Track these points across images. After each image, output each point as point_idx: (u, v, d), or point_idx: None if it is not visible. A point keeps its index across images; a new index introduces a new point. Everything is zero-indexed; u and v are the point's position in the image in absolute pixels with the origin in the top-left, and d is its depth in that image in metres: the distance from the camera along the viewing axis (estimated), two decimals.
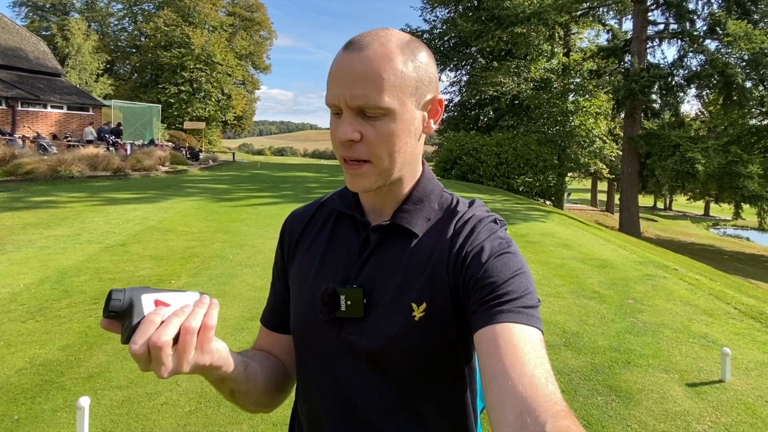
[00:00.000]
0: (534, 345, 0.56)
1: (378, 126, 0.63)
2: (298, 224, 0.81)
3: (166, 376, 0.54)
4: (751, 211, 15.90)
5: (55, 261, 5.17)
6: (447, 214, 0.72)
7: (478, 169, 18.47)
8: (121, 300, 0.53)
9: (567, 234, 8.38)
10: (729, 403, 2.80)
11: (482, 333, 0.59)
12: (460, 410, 0.72)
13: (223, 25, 38.27)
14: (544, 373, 0.53)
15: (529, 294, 0.62)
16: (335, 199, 0.79)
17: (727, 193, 15.68)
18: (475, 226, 0.69)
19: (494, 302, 0.60)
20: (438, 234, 0.70)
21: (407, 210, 0.72)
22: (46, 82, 19.90)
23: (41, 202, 8.83)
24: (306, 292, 0.73)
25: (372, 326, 0.68)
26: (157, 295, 0.56)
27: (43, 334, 3.42)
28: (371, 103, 0.62)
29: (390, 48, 0.63)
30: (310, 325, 0.72)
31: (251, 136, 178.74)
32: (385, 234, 0.72)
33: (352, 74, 0.62)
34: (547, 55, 22.46)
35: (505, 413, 0.50)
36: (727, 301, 4.86)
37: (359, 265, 0.71)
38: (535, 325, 0.59)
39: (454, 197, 0.76)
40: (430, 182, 0.75)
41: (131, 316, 0.53)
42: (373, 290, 0.69)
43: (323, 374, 0.72)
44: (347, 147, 0.65)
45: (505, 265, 0.64)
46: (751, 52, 14.48)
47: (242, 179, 15.55)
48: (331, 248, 0.75)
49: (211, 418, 2.50)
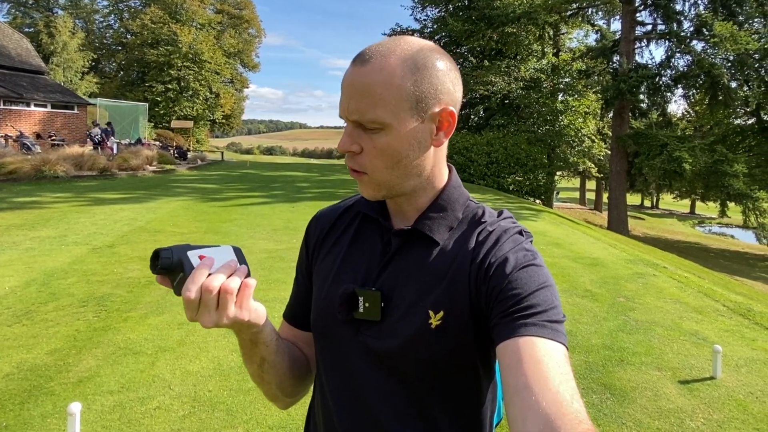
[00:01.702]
0: (559, 360, 0.55)
1: (375, 139, 0.65)
2: (324, 224, 0.82)
3: (210, 325, 0.59)
4: (736, 209, 16.20)
5: (41, 263, 5.06)
6: (471, 224, 0.72)
7: (468, 168, 18.55)
8: (171, 258, 0.59)
9: (558, 233, 8.45)
10: (721, 400, 2.84)
11: (505, 345, 0.57)
12: (475, 423, 0.70)
13: (211, 22, 37.84)
14: (569, 390, 0.51)
15: (555, 308, 0.61)
16: (362, 201, 0.79)
17: (713, 192, 15.96)
18: (500, 236, 0.68)
19: (518, 315, 0.59)
20: (460, 243, 0.70)
21: (430, 217, 0.71)
22: (30, 80, 19.47)
23: (25, 202, 8.64)
24: (326, 292, 0.74)
25: (388, 330, 0.67)
26: (199, 251, 0.62)
27: (30, 338, 3.34)
28: (365, 118, 0.63)
29: (389, 62, 0.63)
30: (329, 325, 0.73)
31: (240, 135, 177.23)
32: (406, 239, 0.71)
33: (351, 88, 0.64)
34: (537, 55, 22.61)
35: (528, 429, 0.49)
36: (715, 298, 4.94)
37: (379, 268, 0.71)
38: (560, 340, 0.58)
39: (480, 207, 0.75)
40: (456, 191, 0.74)
41: (183, 270, 0.59)
42: (392, 294, 0.69)
43: (339, 374, 0.72)
44: (349, 157, 0.68)
45: (530, 277, 0.63)
46: (736, 52, 14.73)
47: (231, 179, 15.41)
48: (353, 250, 0.75)
49: (205, 422, 2.46)
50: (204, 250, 0.62)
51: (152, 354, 3.17)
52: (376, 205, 0.76)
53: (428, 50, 0.66)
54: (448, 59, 0.68)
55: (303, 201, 10.70)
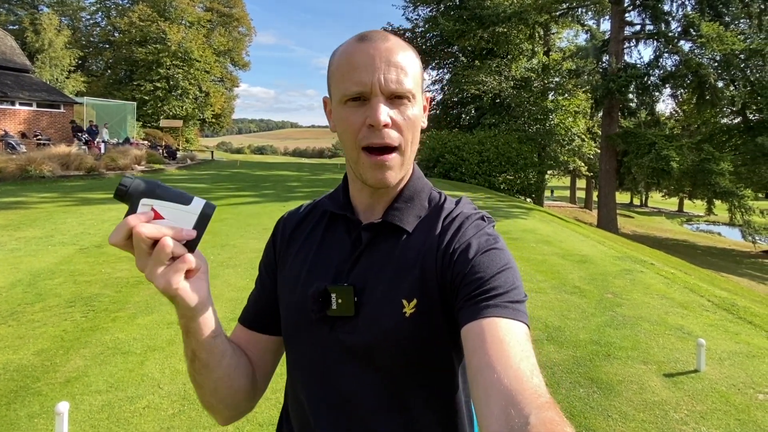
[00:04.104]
0: (520, 339, 0.56)
1: (404, 111, 0.67)
2: (290, 224, 0.82)
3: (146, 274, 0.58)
4: (723, 207, 16.46)
5: (27, 263, 4.99)
6: (435, 212, 0.73)
7: (460, 167, 18.61)
8: (126, 190, 0.58)
9: (548, 230, 8.52)
10: (704, 392, 2.89)
11: (469, 328, 0.59)
12: (451, 408, 0.71)
13: (200, 20, 37.49)
14: (530, 366, 0.53)
15: (516, 289, 0.62)
16: (325, 200, 0.80)
17: (700, 190, 16.17)
18: (463, 223, 0.70)
19: (481, 297, 0.60)
20: (427, 231, 0.71)
21: (398, 208, 0.72)
22: (14, 78, 19.13)
23: (10, 203, 8.51)
24: (298, 292, 0.73)
25: (363, 323, 0.68)
26: (159, 202, 0.59)
27: (16, 339, 3.30)
28: (404, 87, 0.66)
29: (403, 43, 0.69)
30: (302, 324, 0.72)
31: (230, 134, 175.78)
32: (376, 232, 0.72)
33: (383, 61, 0.65)
34: (528, 55, 22.75)
35: (490, 406, 0.50)
36: (701, 294, 5.02)
37: (351, 263, 0.71)
38: (521, 319, 0.59)
39: (442, 195, 0.77)
40: (420, 180, 0.76)
41: (129, 209, 0.58)
42: (365, 288, 0.69)
43: (314, 373, 0.71)
44: (377, 133, 0.65)
45: (491, 260, 0.64)
46: (722, 53, 14.95)
47: (222, 178, 15.31)
48: (323, 248, 0.75)
49: (195, 420, 2.45)
50: (163, 204, 0.59)
51: (141, 353, 3.15)
52: (341, 201, 0.76)
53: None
54: None
55: (294, 200, 10.67)
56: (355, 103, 0.66)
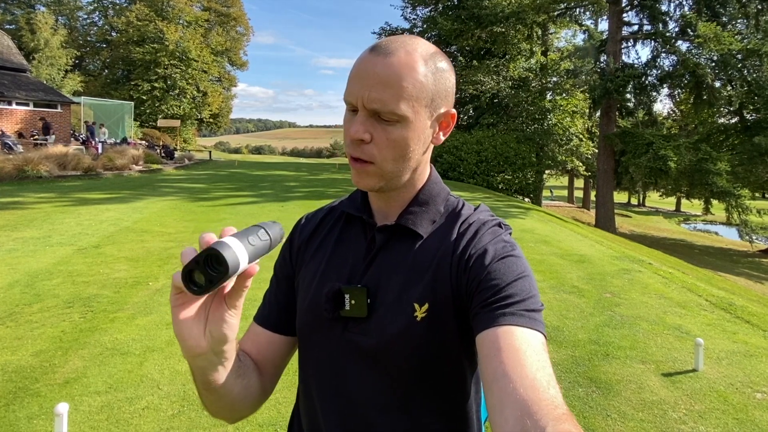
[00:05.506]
0: (536, 348, 0.56)
1: (389, 131, 0.65)
2: (308, 228, 0.82)
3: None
4: (720, 206, 16.49)
5: (25, 264, 4.97)
6: (452, 217, 0.73)
7: (458, 167, 18.64)
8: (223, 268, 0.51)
9: (546, 230, 8.54)
10: (702, 392, 2.91)
11: (484, 335, 0.58)
12: (460, 415, 0.71)
13: (198, 20, 37.40)
14: (546, 376, 0.52)
15: (533, 297, 0.62)
16: (344, 202, 0.80)
17: (698, 189, 16.21)
18: (479, 229, 0.70)
19: (497, 305, 0.60)
20: (442, 236, 0.71)
21: (413, 212, 0.73)
22: (11, 77, 19.07)
23: (7, 203, 8.48)
24: (312, 292, 0.74)
25: (375, 325, 0.68)
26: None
27: (14, 340, 3.29)
28: (387, 108, 0.63)
29: (415, 57, 0.65)
30: (315, 324, 0.73)
31: (228, 134, 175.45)
32: (390, 235, 0.72)
33: (373, 77, 0.63)
34: (526, 55, 22.76)
35: (505, 415, 0.50)
36: (699, 293, 5.04)
37: (365, 265, 0.71)
38: (537, 328, 0.59)
39: (459, 201, 0.77)
40: (437, 185, 0.76)
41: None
42: (378, 290, 0.69)
43: (325, 373, 0.72)
44: (356, 146, 0.66)
45: (508, 268, 0.64)
46: (719, 53, 14.99)
47: (219, 178, 15.29)
48: (338, 249, 0.76)
49: (194, 421, 2.45)
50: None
51: (140, 354, 3.14)
52: (359, 203, 0.77)
53: (441, 53, 0.70)
54: (450, 65, 0.71)
55: (292, 200, 10.66)
56: (351, 113, 0.67)
